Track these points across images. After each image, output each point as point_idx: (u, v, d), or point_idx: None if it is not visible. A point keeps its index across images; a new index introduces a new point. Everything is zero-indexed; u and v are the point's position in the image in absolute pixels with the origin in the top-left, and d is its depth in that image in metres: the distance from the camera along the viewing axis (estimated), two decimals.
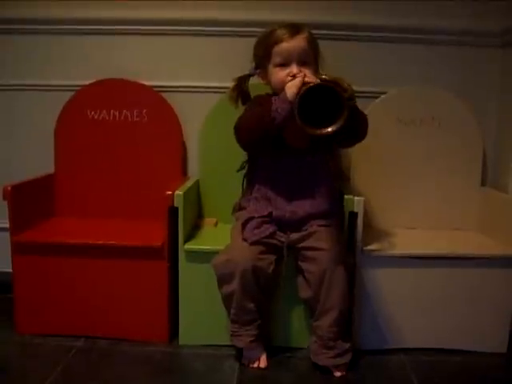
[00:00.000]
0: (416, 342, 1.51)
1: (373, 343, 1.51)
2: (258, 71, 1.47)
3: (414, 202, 1.71)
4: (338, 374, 1.38)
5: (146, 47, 1.75)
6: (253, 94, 1.50)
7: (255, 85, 1.51)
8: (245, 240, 1.38)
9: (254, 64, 1.47)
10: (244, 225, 1.41)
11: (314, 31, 1.44)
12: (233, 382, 1.34)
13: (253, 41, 1.47)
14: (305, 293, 1.40)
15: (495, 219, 1.62)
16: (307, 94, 1.22)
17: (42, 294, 1.54)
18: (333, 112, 1.23)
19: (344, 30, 1.71)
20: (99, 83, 1.74)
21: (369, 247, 1.47)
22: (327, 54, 1.46)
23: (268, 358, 1.42)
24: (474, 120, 1.69)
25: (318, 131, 1.24)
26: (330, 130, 1.24)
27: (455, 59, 1.74)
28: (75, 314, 1.54)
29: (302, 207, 1.41)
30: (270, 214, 1.41)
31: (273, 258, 1.38)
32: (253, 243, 1.36)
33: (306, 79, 1.26)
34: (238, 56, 1.50)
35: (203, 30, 1.72)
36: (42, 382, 1.31)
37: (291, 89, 1.26)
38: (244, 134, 1.37)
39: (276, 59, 1.39)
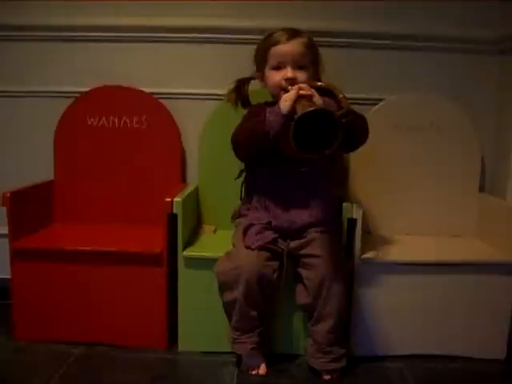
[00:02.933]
0: (414, 348, 1.51)
1: (371, 350, 1.51)
2: (257, 74, 1.48)
3: (412, 208, 1.71)
4: (327, 377, 1.38)
5: (146, 54, 1.75)
6: (252, 99, 1.51)
7: (256, 91, 1.51)
8: (248, 247, 1.37)
9: (255, 67, 1.48)
10: (245, 231, 1.41)
11: (314, 38, 1.44)
12: None
13: (253, 48, 1.47)
14: (302, 299, 1.40)
15: (493, 225, 1.62)
16: (301, 120, 1.17)
17: (41, 301, 1.53)
18: (327, 131, 1.18)
19: (343, 37, 1.71)
20: (99, 90, 1.74)
21: (367, 254, 1.47)
22: (326, 60, 1.47)
23: (267, 365, 1.42)
24: (472, 126, 1.70)
25: (312, 155, 1.19)
26: (324, 154, 1.19)
27: (453, 66, 1.75)
28: (74, 320, 1.54)
29: (301, 217, 1.41)
30: (269, 222, 1.42)
31: (276, 264, 1.38)
32: (257, 249, 1.36)
33: (301, 92, 1.24)
34: (238, 63, 1.51)
35: (203, 37, 1.73)
36: None
37: (285, 102, 1.24)
38: (241, 148, 1.37)
39: (271, 61, 1.40)
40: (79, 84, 1.75)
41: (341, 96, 1.25)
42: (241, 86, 1.50)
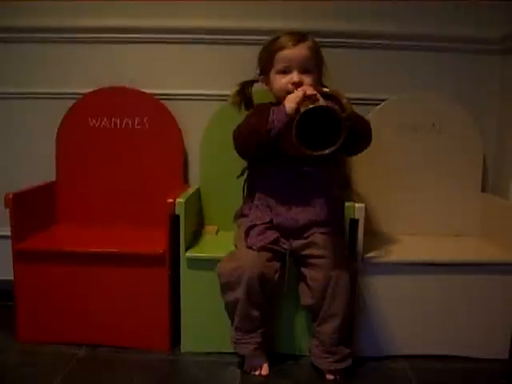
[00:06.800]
0: (417, 348, 1.51)
1: (374, 350, 1.51)
2: (261, 77, 1.48)
3: (414, 209, 1.71)
4: (330, 377, 1.38)
5: (148, 55, 1.76)
6: (256, 101, 1.51)
7: (260, 92, 1.51)
8: (249, 247, 1.37)
9: (258, 70, 1.48)
10: (247, 232, 1.41)
11: (316, 39, 1.45)
12: None
13: (254, 49, 1.48)
14: (307, 300, 1.40)
15: (496, 225, 1.62)
16: (306, 115, 1.18)
17: (43, 302, 1.54)
18: (330, 132, 1.19)
19: (345, 37, 1.71)
20: (100, 91, 1.75)
21: (370, 254, 1.47)
22: (328, 61, 1.47)
23: (270, 366, 1.42)
24: (474, 126, 1.70)
25: (315, 153, 1.20)
26: (326, 151, 1.20)
27: (455, 66, 1.75)
28: (76, 321, 1.54)
29: (302, 215, 1.41)
30: (271, 221, 1.41)
31: (278, 265, 1.38)
32: (259, 249, 1.36)
33: (307, 93, 1.24)
34: (239, 64, 1.51)
35: (204, 38, 1.73)
36: None
37: (290, 103, 1.25)
38: (240, 142, 1.38)
39: (278, 66, 1.40)
40: (81, 85, 1.75)
41: (345, 101, 1.26)
42: (245, 89, 1.50)
